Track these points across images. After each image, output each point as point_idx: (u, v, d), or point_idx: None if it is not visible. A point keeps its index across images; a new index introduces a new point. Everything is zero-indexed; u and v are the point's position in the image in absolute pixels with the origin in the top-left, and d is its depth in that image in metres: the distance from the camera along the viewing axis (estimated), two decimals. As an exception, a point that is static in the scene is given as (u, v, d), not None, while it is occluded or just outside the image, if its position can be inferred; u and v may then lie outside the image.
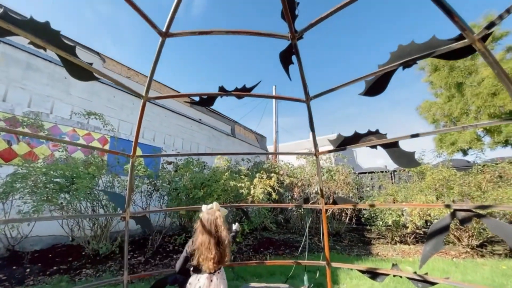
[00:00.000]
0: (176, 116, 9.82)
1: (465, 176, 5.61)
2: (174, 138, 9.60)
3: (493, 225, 1.87)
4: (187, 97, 2.14)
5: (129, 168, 2.19)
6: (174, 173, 5.96)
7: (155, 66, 1.77)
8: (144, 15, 1.50)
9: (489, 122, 1.64)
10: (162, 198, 6.24)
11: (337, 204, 2.78)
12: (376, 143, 2.16)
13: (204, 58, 70.79)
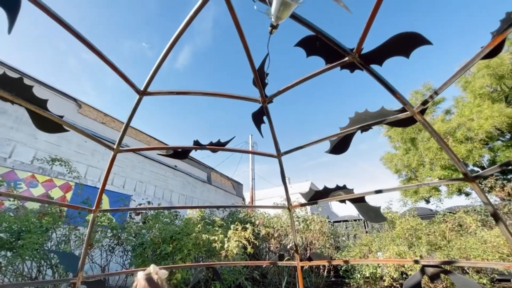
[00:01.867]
0: (150, 162, 9.53)
1: (430, 225, 5.86)
2: (146, 185, 9.12)
3: (460, 282, 1.91)
4: (161, 150, 2.14)
5: (89, 223, 2.00)
6: (142, 225, 5.48)
7: (130, 121, 1.81)
8: (122, 75, 1.60)
9: (437, 182, 1.82)
10: (126, 253, 5.57)
11: (312, 261, 2.70)
12: (344, 197, 2.25)
13: (184, 112, 73.13)
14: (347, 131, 1.89)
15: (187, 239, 4.60)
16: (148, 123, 72.38)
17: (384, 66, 1.46)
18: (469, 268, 5.29)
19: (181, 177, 10.88)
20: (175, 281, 4.44)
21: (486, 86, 11.81)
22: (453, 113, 13.43)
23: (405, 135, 13.68)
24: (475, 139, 11.21)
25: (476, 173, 1.63)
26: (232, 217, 7.57)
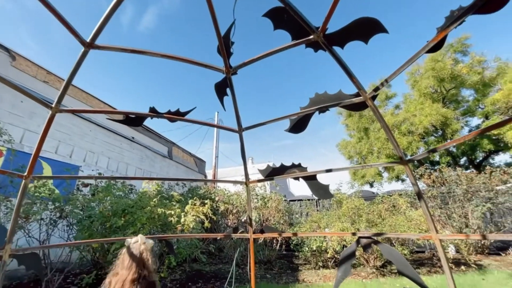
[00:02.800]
0: (104, 131, 8.73)
1: (371, 205, 6.67)
2: (98, 156, 8.40)
3: (385, 250, 2.23)
4: (111, 114, 1.97)
5: (20, 191, 1.79)
6: (91, 198, 5.09)
7: (72, 77, 1.60)
8: (65, 22, 1.38)
9: (378, 164, 2.05)
10: (71, 227, 5.18)
11: (265, 233, 2.86)
12: (298, 175, 2.39)
13: (148, 78, 67.21)
14: (306, 111, 1.96)
15: (141, 213, 4.45)
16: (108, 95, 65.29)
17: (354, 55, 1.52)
18: (395, 241, 6.21)
19: (139, 150, 10.26)
20: (127, 254, 4.33)
21: (430, 87, 13.35)
22: (401, 108, 15.05)
23: (360, 125, 15.03)
24: (415, 133, 12.78)
25: (409, 158, 1.86)
26: (191, 193, 7.52)
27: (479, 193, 7.51)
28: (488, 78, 12.82)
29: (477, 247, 7.59)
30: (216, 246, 8.75)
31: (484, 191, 7.45)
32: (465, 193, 7.57)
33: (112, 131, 9.02)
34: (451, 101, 14.13)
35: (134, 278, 1.71)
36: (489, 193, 7.38)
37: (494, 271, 6.15)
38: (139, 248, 1.83)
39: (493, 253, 7.94)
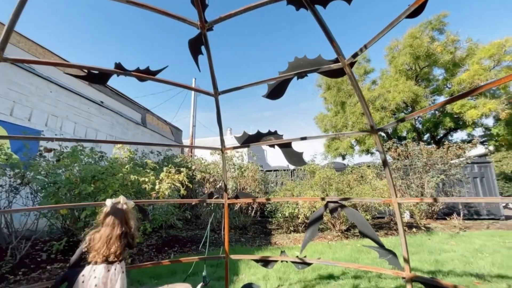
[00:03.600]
0: (67, 93, 7.96)
1: (341, 175, 7.11)
2: (63, 121, 7.74)
3: (350, 214, 2.41)
4: (69, 68, 1.75)
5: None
6: (55, 163, 4.77)
7: (17, 16, 1.36)
8: None
9: (349, 132, 2.11)
10: (35, 194, 4.90)
11: (239, 199, 2.94)
12: (273, 142, 2.41)
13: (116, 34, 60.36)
14: (285, 75, 1.91)
15: (112, 180, 4.30)
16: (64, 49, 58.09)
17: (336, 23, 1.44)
18: (360, 208, 6.79)
19: (109, 115, 9.62)
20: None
21: (406, 64, 13.76)
22: (377, 84, 15.51)
23: (337, 98, 15.38)
24: (388, 109, 13.40)
25: (379, 127, 1.93)
26: (167, 161, 7.38)
27: (435, 166, 8.31)
28: (458, 58, 13.45)
29: (427, 213, 8.58)
30: (193, 213, 8.94)
31: (440, 164, 8.26)
32: (424, 165, 8.32)
33: (77, 93, 8.26)
34: (423, 79, 14.81)
35: (119, 234, 1.81)
36: (444, 165, 8.20)
37: (439, 233, 7.08)
38: (121, 208, 1.93)
39: (440, 218, 9.08)
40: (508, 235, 6.57)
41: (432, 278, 1.90)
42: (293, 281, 3.71)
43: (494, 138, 13.42)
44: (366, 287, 3.41)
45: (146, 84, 9.95)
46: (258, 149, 22.62)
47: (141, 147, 8.56)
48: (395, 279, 3.61)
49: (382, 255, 2.18)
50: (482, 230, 7.40)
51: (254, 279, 3.70)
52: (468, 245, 5.52)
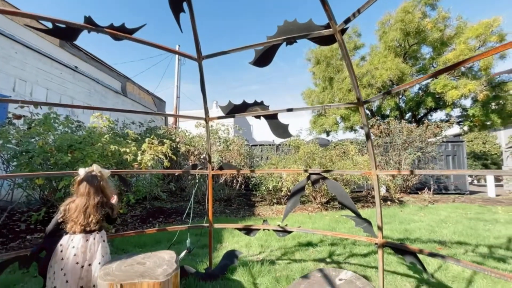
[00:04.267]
0: (35, 55, 7.23)
1: (324, 151, 7.29)
2: (33, 86, 7.13)
3: (330, 185, 2.47)
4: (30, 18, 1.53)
5: None
6: (27, 131, 4.46)
7: None
8: None
9: (336, 104, 2.08)
10: (6, 164, 4.63)
11: (223, 170, 2.93)
12: (259, 113, 2.34)
13: None
14: (273, 40, 1.79)
15: (91, 149, 4.12)
16: (29, 4, 51.57)
17: None
18: (340, 181, 7.09)
19: (85, 82, 8.97)
20: (79, 191, 4.14)
21: (395, 40, 13.62)
22: (366, 60, 15.41)
23: (326, 73, 15.20)
24: (374, 86, 13.50)
25: (365, 100, 1.92)
26: (149, 133, 7.14)
27: (414, 143, 8.70)
28: (447, 37, 13.46)
29: (402, 187, 9.16)
30: (178, 186, 8.96)
31: (418, 142, 8.65)
32: (403, 143, 8.68)
33: (47, 55, 7.53)
34: (411, 57, 14.85)
35: (95, 203, 1.78)
36: (422, 143, 8.60)
37: (410, 205, 7.63)
38: (95, 176, 1.87)
39: (412, 192, 9.75)
40: (470, 207, 7.21)
41: (401, 243, 2.05)
42: (274, 248, 3.91)
43: (469, 118, 14.10)
44: (341, 252, 3.67)
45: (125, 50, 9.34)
46: (244, 124, 22.48)
47: (121, 117, 8.19)
48: (368, 246, 3.91)
49: (358, 224, 2.30)
50: (449, 203, 8.05)
51: (237, 247, 3.86)
52: (434, 216, 6.01)
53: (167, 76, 63.24)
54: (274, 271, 3.00)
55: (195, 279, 2.74)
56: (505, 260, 3.33)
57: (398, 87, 1.68)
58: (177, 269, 1.89)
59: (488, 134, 19.61)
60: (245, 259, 3.36)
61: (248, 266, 3.06)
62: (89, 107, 2.36)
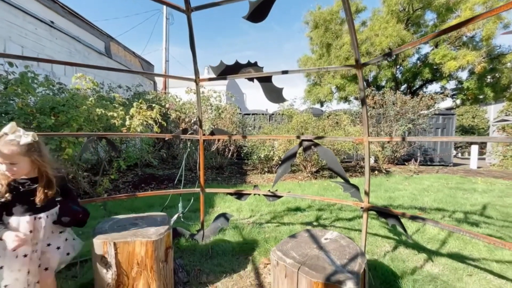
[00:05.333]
0: (5, 6, 6.48)
1: (318, 121, 7.26)
2: (6, 42, 6.50)
3: (322, 151, 2.47)
4: None
5: None
6: (4, 92, 4.17)
7: None
8: None
9: (333, 67, 1.98)
10: (-15, 126, 4.40)
11: (215, 135, 2.87)
12: (252, 75, 2.21)
13: None
14: (268, -10, 1.60)
15: (75, 112, 3.92)
16: None
17: None
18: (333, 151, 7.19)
19: (65, 40, 8.26)
20: (66, 157, 4.04)
21: (400, 4, 12.87)
22: (367, 25, 14.65)
23: (323, 39, 14.50)
24: (373, 54, 13.06)
25: (364, 62, 1.81)
26: (137, 97, 6.85)
27: (406, 115, 8.74)
28: (453, 2, 12.77)
29: (390, 158, 9.43)
30: (169, 153, 8.93)
31: (411, 114, 8.69)
32: (396, 114, 8.72)
33: (16, 6, 6.77)
34: (413, 24, 14.19)
35: None
36: (414, 115, 8.65)
37: (396, 175, 7.94)
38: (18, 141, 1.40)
39: (400, 164, 10.09)
40: (452, 178, 7.57)
41: (385, 207, 2.13)
42: (264, 212, 4.06)
43: (463, 92, 14.11)
44: (327, 217, 3.85)
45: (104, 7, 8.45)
46: (237, 91, 21.86)
47: (106, 81, 7.75)
48: (353, 211, 4.10)
49: (346, 189, 2.36)
50: (432, 173, 8.42)
51: (228, 211, 3.97)
52: (418, 186, 6.30)
53: (155, 39, 58.64)
54: (263, 232, 3.13)
55: (188, 239, 2.84)
56: (478, 224, 3.58)
57: (400, 48, 1.58)
58: (169, 229, 1.93)
59: (478, 108, 19.90)
60: (236, 222, 3.48)
61: (239, 228, 3.18)
62: (70, 63, 2.16)
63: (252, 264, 2.42)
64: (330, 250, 1.61)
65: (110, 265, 1.67)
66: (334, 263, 1.44)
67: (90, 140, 2.52)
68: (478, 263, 2.45)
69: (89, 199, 3.79)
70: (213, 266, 2.35)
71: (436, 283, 2.08)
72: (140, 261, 1.72)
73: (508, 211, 4.14)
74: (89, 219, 1.64)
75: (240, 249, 2.69)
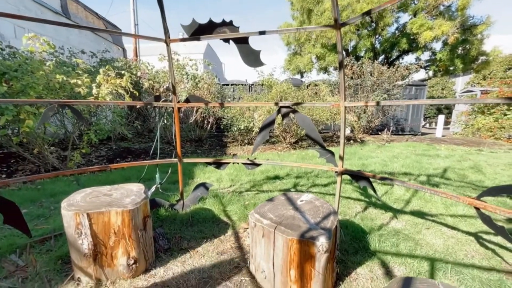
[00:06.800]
0: None
1: (297, 91, 7.22)
2: None
3: (300, 119, 2.47)
4: None
5: None
6: None
7: None
8: None
9: (311, 27, 1.89)
10: None
11: (190, 102, 2.73)
12: (228, 36, 2.06)
13: None
14: None
15: (31, 79, 3.50)
16: None
17: None
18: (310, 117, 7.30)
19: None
20: (27, 129, 3.69)
21: (382, -32, 12.47)
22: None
23: (304, 4, 13.89)
24: (354, 23, 12.85)
25: (343, 22, 1.74)
26: (104, 64, 6.26)
27: (382, 85, 8.97)
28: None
29: (365, 128, 9.84)
30: (145, 127, 8.55)
31: (386, 84, 8.92)
32: (372, 84, 8.90)
33: None
34: (396, -10, 13.91)
35: None
36: (389, 85, 8.90)
37: (370, 144, 8.35)
38: None
39: (374, 133, 10.60)
40: (419, 145, 8.13)
41: (358, 171, 2.24)
42: (244, 182, 4.13)
43: (436, 63, 14.62)
44: (304, 183, 4.02)
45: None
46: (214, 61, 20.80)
47: (67, 45, 6.94)
48: (328, 177, 4.31)
49: (322, 155, 2.43)
50: (402, 142, 8.97)
51: (208, 182, 3.99)
52: (388, 153, 6.71)
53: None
54: (243, 200, 3.21)
55: (167, 209, 2.83)
56: (438, 185, 3.94)
57: (379, 6, 1.52)
58: (146, 198, 1.89)
59: (448, 80, 20.93)
60: (216, 191, 3.52)
61: (218, 197, 3.22)
62: (19, 16, 1.82)
63: (232, 229, 2.50)
64: (305, 210, 1.68)
65: (85, 235, 1.63)
66: (308, 222, 1.52)
67: (50, 108, 2.28)
68: (436, 218, 2.74)
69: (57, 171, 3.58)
70: (194, 233, 2.39)
71: (399, 236, 2.31)
72: (117, 231, 1.69)
73: (465, 173, 4.59)
74: (61, 194, 1.54)
75: (220, 216, 2.76)
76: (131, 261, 1.73)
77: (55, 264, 1.89)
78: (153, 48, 20.37)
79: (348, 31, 12.68)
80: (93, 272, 1.68)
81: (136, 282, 1.72)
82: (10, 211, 1.91)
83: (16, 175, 4.13)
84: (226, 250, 2.14)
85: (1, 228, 2.50)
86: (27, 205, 3.07)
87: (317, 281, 1.42)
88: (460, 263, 1.93)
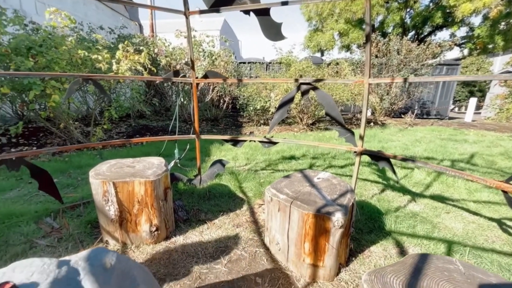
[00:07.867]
0: None
1: (317, 69, 6.92)
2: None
3: (320, 95, 2.38)
4: None
5: None
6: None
7: None
8: None
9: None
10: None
11: (208, 78, 2.71)
12: (248, 7, 1.97)
13: None
14: None
15: (55, 54, 3.61)
16: None
17: None
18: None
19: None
20: (53, 104, 3.86)
21: None
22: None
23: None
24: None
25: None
26: (122, 40, 6.29)
27: (409, 65, 8.36)
28: None
29: (387, 111, 9.39)
30: (163, 105, 8.69)
31: (415, 63, 8.30)
32: (399, 64, 8.32)
33: None
34: None
35: None
36: (418, 64, 8.27)
37: (391, 127, 8.00)
38: None
39: (396, 116, 10.10)
40: (445, 130, 7.68)
41: (378, 151, 2.16)
42: (259, 161, 4.16)
43: (473, 40, 13.26)
44: (321, 164, 3.97)
45: None
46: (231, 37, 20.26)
47: (85, 20, 6.99)
48: (345, 159, 4.22)
49: (341, 134, 2.36)
50: (427, 126, 8.51)
51: (224, 159, 4.06)
52: (411, 137, 6.41)
53: (138, -27, 49.96)
54: (258, 177, 3.26)
55: (185, 184, 2.94)
56: (463, 170, 3.74)
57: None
58: (166, 171, 1.96)
59: (485, 60, 19.10)
60: (232, 169, 3.58)
61: (234, 174, 3.28)
62: None
63: (247, 204, 2.56)
64: (322, 187, 1.67)
65: (112, 202, 1.74)
66: (324, 198, 1.51)
67: (75, 82, 2.35)
68: (457, 203, 2.63)
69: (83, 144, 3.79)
70: (211, 206, 2.48)
71: (416, 218, 2.26)
72: (140, 200, 1.79)
73: (493, 160, 4.32)
74: (87, 166, 1.62)
75: (236, 192, 2.82)
76: (153, 228, 1.84)
77: (85, 227, 2.05)
78: (169, 25, 20.09)
79: (376, 4, 11.68)
80: (119, 236, 1.82)
81: (158, 248, 1.84)
82: (44, 178, 2.07)
83: (45, 148, 4.43)
84: (242, 223, 2.21)
85: (36, 194, 2.73)
86: (57, 175, 3.30)
87: (330, 254, 1.44)
88: (479, 247, 1.88)
